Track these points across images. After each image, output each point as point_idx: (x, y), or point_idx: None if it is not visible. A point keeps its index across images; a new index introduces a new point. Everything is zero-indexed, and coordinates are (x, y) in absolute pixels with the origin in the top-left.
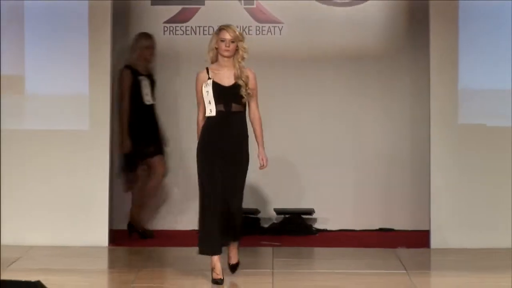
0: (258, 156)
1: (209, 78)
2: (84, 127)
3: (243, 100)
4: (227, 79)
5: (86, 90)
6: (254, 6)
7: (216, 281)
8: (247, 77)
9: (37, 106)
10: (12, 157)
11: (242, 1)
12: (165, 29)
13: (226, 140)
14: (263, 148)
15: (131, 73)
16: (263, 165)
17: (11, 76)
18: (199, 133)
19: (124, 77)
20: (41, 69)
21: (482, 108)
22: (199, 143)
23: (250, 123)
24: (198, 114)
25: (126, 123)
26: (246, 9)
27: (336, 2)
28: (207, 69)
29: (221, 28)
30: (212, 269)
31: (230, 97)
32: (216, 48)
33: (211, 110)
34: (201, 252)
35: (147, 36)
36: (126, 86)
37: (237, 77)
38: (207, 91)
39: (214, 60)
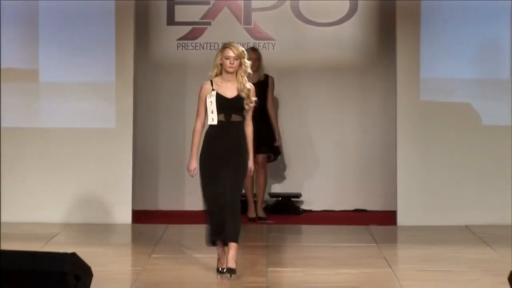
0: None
1: (213, 90)
2: (112, 124)
3: (244, 112)
4: (230, 92)
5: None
6: (252, 26)
7: (220, 271)
8: (249, 90)
9: (73, 106)
10: (50, 149)
11: (242, 22)
12: (178, 45)
13: (226, 146)
14: (252, 157)
15: None
16: (250, 173)
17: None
18: (203, 140)
19: None
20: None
21: (440, 95)
22: (202, 149)
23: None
24: (196, 122)
25: None
26: (245, 28)
27: (319, 23)
28: (211, 81)
29: (226, 46)
30: (218, 260)
31: (231, 108)
32: (221, 64)
33: (213, 119)
34: (208, 244)
35: (253, 49)
36: None
37: (240, 90)
38: (211, 102)
39: (218, 74)
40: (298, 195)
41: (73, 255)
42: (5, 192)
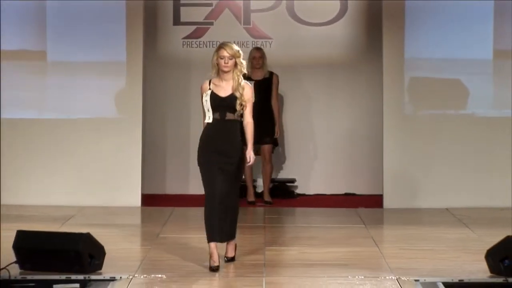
0: (246, 154)
1: (209, 89)
2: (123, 115)
3: (237, 110)
4: (224, 91)
5: (123, 73)
6: (251, 25)
7: (212, 268)
8: (243, 88)
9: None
10: (67, 138)
11: (242, 22)
12: (184, 43)
13: (220, 144)
14: (251, 148)
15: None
16: (249, 161)
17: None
18: (199, 138)
19: None
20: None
21: (423, 91)
22: (198, 147)
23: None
24: (203, 119)
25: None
26: (245, 28)
27: (312, 23)
28: (210, 80)
29: (220, 47)
30: (210, 257)
31: (224, 107)
32: (217, 64)
33: (209, 117)
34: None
35: (258, 49)
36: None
37: (234, 89)
38: (206, 100)
39: (217, 74)
40: (293, 181)
41: (87, 235)
42: (25, 178)
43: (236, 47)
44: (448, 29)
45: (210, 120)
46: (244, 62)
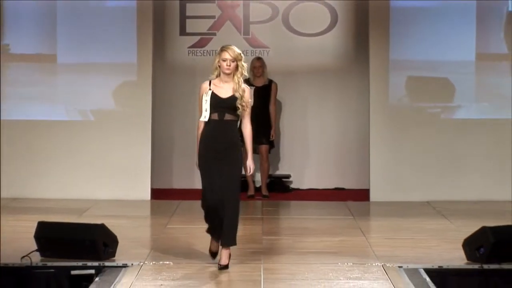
0: (246, 164)
1: (209, 89)
2: (134, 117)
3: (237, 111)
4: (225, 92)
5: (134, 78)
6: (250, 36)
7: (212, 254)
8: (244, 90)
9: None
10: (81, 138)
11: (242, 33)
12: (189, 52)
13: (220, 144)
14: (251, 158)
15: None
16: (250, 172)
17: None
18: (200, 138)
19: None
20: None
21: (406, 97)
22: (199, 150)
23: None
24: (199, 120)
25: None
26: (244, 38)
27: (305, 34)
28: (210, 81)
29: (222, 49)
30: (211, 242)
31: (225, 107)
32: (219, 66)
33: (205, 116)
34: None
35: (258, 58)
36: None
37: (235, 91)
38: (206, 100)
39: (218, 76)
40: (288, 176)
41: (102, 226)
42: (45, 174)
43: (238, 50)
44: (429, 35)
45: (206, 119)
46: (246, 65)
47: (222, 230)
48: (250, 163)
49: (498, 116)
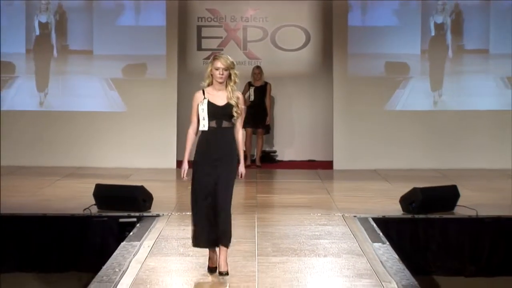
0: (239, 169)
1: (204, 98)
2: (164, 108)
3: (233, 118)
4: (220, 100)
5: (164, 75)
6: (247, 51)
7: (211, 269)
8: (238, 98)
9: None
10: (125, 123)
11: (241, 48)
12: (204, 62)
13: (218, 150)
14: (243, 164)
15: (248, 84)
16: (241, 177)
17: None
18: (197, 145)
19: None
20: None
21: (362, 88)
22: (196, 153)
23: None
24: (189, 129)
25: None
26: (244, 52)
27: (287, 49)
28: (203, 90)
29: (215, 58)
30: (209, 259)
31: (221, 115)
32: (211, 75)
33: (204, 125)
34: (195, 245)
35: (257, 67)
36: (244, 93)
37: (229, 98)
38: (203, 109)
39: (210, 84)
40: (274, 151)
41: (141, 187)
42: (99, 148)
43: (230, 59)
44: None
45: (206, 128)
46: (237, 73)
47: (218, 231)
48: (242, 169)
49: (422, 108)
